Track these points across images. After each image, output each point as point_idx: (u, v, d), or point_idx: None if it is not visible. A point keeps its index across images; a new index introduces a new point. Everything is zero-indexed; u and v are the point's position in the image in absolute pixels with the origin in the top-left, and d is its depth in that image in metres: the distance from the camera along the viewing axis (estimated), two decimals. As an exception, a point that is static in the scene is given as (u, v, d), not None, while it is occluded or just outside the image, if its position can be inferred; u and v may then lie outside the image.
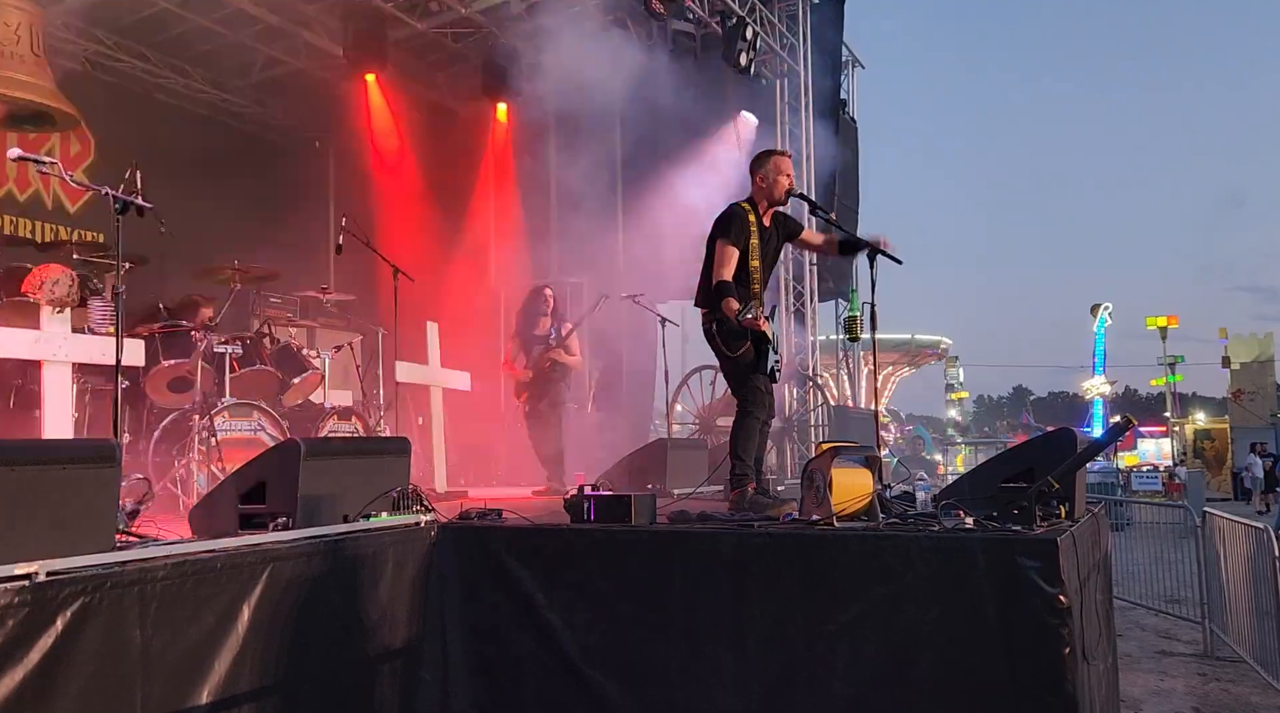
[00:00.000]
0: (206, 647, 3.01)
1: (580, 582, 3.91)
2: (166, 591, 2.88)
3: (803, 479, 4.02)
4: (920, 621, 3.30)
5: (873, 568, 3.43)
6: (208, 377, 5.93)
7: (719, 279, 4.87)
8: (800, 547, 3.58)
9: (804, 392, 9.71)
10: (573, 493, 4.23)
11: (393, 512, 4.07)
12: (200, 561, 3.05)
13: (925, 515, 3.71)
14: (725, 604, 3.64)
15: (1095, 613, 3.74)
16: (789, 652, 3.52)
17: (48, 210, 9.36)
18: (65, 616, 2.54)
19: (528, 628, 3.96)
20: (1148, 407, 52.22)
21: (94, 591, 2.63)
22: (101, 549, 2.79)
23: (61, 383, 4.96)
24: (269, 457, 3.91)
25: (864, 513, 3.79)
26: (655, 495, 4.29)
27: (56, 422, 4.90)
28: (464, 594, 4.11)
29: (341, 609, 3.64)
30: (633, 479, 6.50)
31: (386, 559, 3.87)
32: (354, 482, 3.98)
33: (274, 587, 3.27)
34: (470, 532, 4.21)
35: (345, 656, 3.63)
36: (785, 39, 9.99)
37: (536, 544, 4.06)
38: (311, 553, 3.49)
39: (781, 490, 5.87)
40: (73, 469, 2.75)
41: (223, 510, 3.76)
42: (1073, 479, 3.68)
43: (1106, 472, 18.51)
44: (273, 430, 6.02)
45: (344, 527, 3.73)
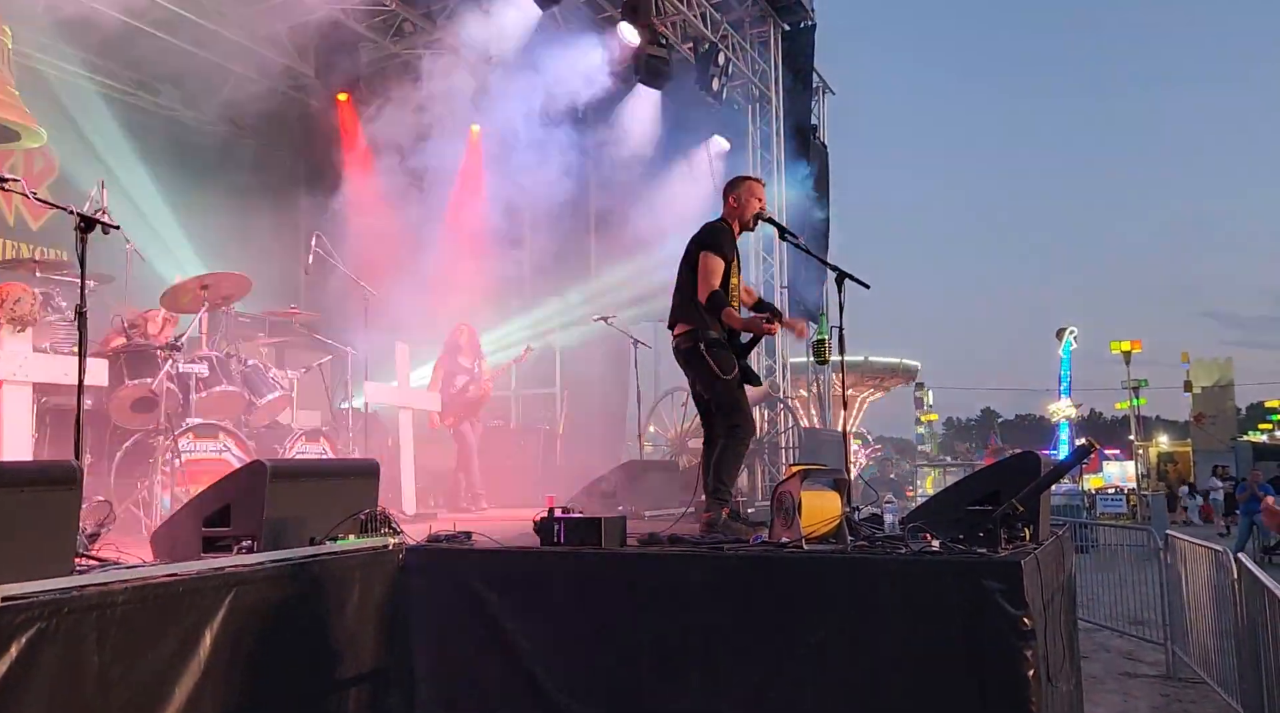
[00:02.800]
0: (167, 673, 2.96)
1: (550, 605, 3.89)
2: (126, 615, 2.83)
3: (772, 502, 4.04)
4: (888, 643, 3.31)
5: (842, 591, 3.44)
6: (172, 397, 5.85)
7: (712, 290, 4.67)
8: (770, 569, 3.59)
9: (774, 414, 9.75)
10: (544, 515, 4.21)
11: (360, 534, 4.03)
12: (161, 585, 3.00)
13: (893, 538, 3.73)
14: (696, 627, 3.64)
15: (1060, 635, 3.77)
16: (759, 674, 3.52)
17: (9, 227, 9.22)
18: (20, 642, 2.49)
19: (496, 652, 3.92)
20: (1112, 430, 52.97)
21: (51, 616, 2.58)
22: (60, 573, 2.74)
23: (21, 403, 4.87)
24: (234, 479, 3.86)
25: (833, 536, 3.82)
26: (626, 518, 4.28)
27: (15, 443, 4.81)
28: (432, 618, 4.07)
29: (307, 634, 3.59)
30: (603, 501, 6.49)
31: (353, 583, 3.82)
32: (321, 504, 3.94)
33: (237, 611, 3.22)
34: (438, 554, 4.18)
35: (311, 682, 3.58)
36: (757, 65, 10.11)
37: (506, 567, 4.04)
38: (277, 577, 3.45)
39: (752, 513, 5.87)
40: (32, 492, 2.70)
41: (186, 534, 3.70)
42: (1037, 502, 3.72)
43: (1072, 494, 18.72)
44: (239, 452, 5.93)
45: (310, 550, 3.69)
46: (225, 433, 5.97)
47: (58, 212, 3.82)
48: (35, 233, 9.33)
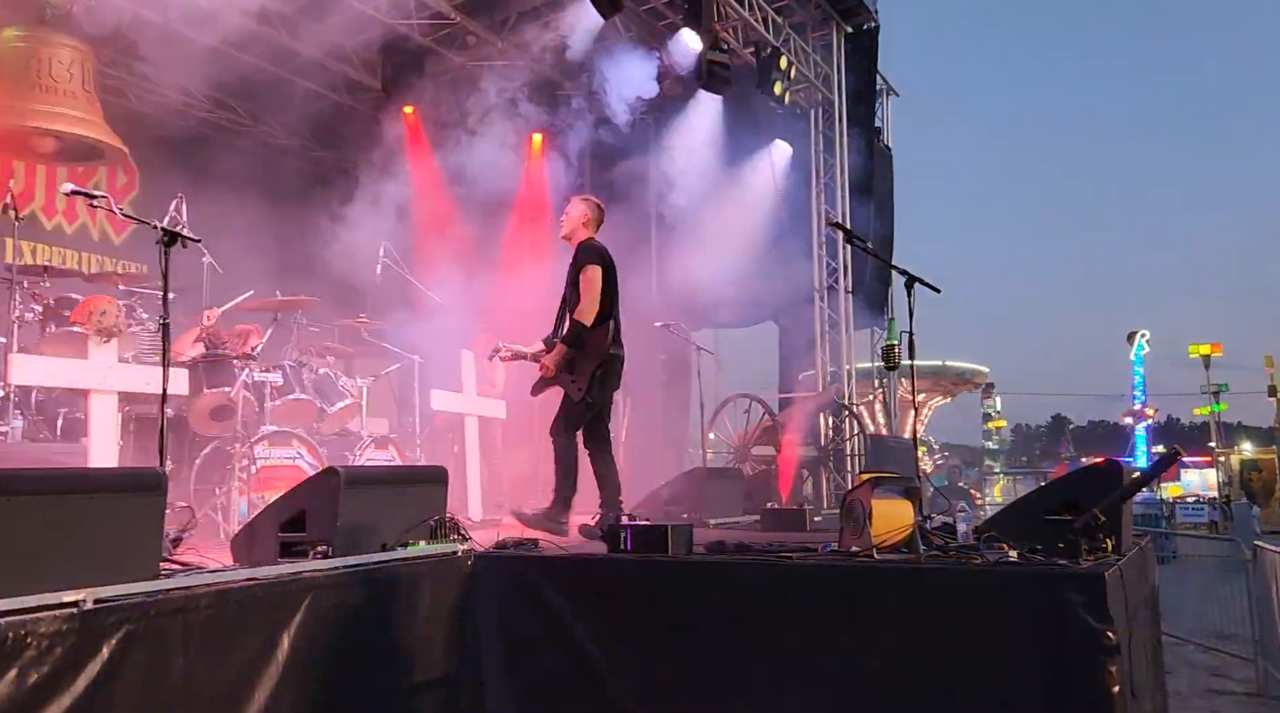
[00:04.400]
0: (247, 676, 3.03)
1: (617, 612, 3.89)
2: (209, 619, 2.90)
3: (842, 510, 3.98)
4: (964, 656, 3.23)
5: (914, 601, 3.38)
6: (248, 405, 6.01)
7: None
8: (840, 579, 3.54)
9: (840, 421, 9.63)
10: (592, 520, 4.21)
11: (430, 540, 4.08)
12: (242, 589, 3.07)
13: (967, 548, 3.65)
14: (764, 636, 3.60)
15: (1144, 649, 3.65)
16: (828, 685, 3.47)
17: (94, 242, 9.59)
18: (111, 643, 2.56)
19: (564, 658, 3.93)
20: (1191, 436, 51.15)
21: (139, 619, 2.65)
22: (147, 577, 2.82)
23: (108, 411, 5.05)
24: (309, 485, 3.94)
25: (905, 545, 3.75)
26: (692, 526, 4.27)
27: (102, 450, 4.98)
28: (501, 624, 4.10)
29: (380, 638, 3.64)
30: (668, 509, 6.49)
31: (424, 588, 3.87)
32: (392, 510, 4.00)
33: (313, 616, 3.28)
34: (507, 561, 4.21)
35: (383, 686, 3.63)
36: (819, 68, 10.02)
37: (573, 574, 4.05)
38: (350, 582, 3.51)
39: (819, 520, 5.81)
40: (120, 498, 2.79)
41: (263, 539, 3.79)
42: (1119, 511, 3.61)
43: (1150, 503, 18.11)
44: (311, 459, 6.07)
45: (382, 555, 3.75)
46: (298, 440, 6.11)
47: (138, 226, 3.95)
48: (117, 247, 9.69)
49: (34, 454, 5.48)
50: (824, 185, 10.11)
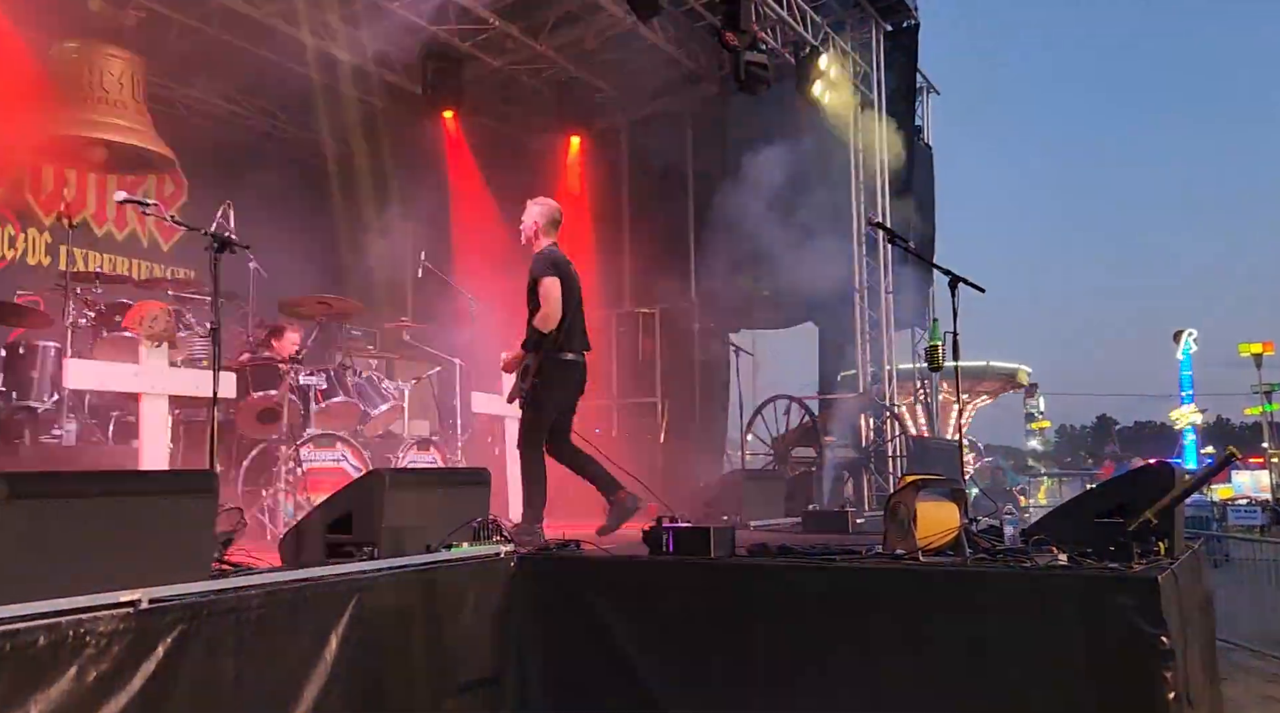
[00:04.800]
0: (296, 675, 3.06)
1: (660, 614, 3.89)
2: (259, 619, 2.94)
3: (886, 512, 3.95)
4: (1012, 660, 3.19)
5: (961, 605, 3.33)
6: (294, 408, 6.10)
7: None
8: (885, 582, 3.50)
9: (881, 422, 9.54)
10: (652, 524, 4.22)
11: (473, 542, 4.11)
12: (291, 590, 3.11)
13: (1015, 551, 3.60)
14: (808, 638, 3.58)
15: (1199, 655, 3.57)
16: (874, 688, 3.44)
17: (144, 248, 9.79)
18: (166, 642, 2.61)
19: (607, 660, 3.94)
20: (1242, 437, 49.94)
21: (193, 618, 2.70)
22: (200, 578, 2.88)
23: (159, 414, 5.15)
24: (355, 487, 3.98)
25: (950, 548, 3.70)
26: (734, 528, 4.25)
27: (153, 452, 5.09)
28: (544, 625, 4.11)
29: (425, 639, 3.67)
30: (708, 511, 6.47)
31: (468, 590, 3.90)
32: (436, 512, 4.04)
33: (360, 616, 3.31)
34: (549, 563, 4.23)
35: (428, 686, 3.66)
36: (858, 67, 9.94)
37: (615, 576, 4.05)
38: (396, 583, 3.54)
39: (861, 523, 5.76)
40: (174, 499, 2.84)
41: (311, 540, 3.84)
42: (1172, 514, 3.54)
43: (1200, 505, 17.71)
44: (355, 461, 6.14)
45: (427, 557, 3.78)
46: (342, 442, 6.19)
47: (187, 233, 4.04)
48: (166, 253, 9.89)
49: (88, 456, 5.62)
50: (863, 185, 10.02)
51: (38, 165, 8.49)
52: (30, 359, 5.86)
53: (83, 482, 2.74)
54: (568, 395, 5.56)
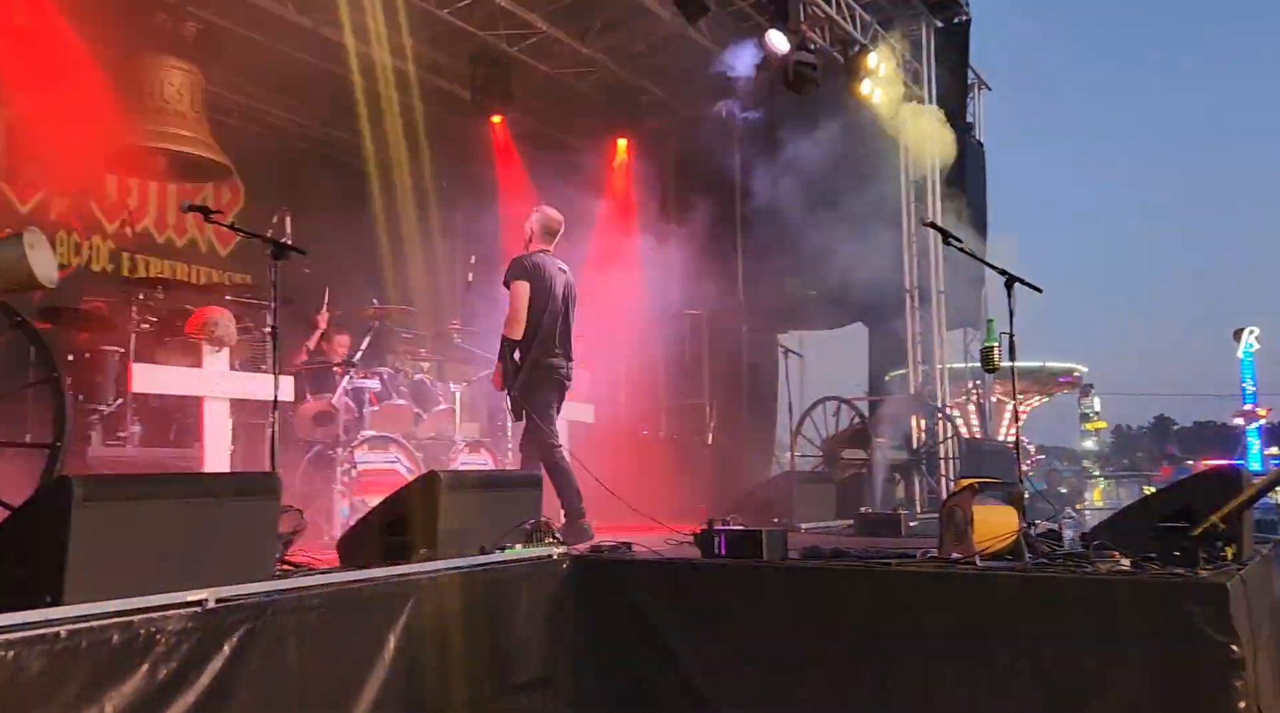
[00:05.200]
0: (356, 674, 3.12)
1: (712, 616, 3.89)
2: (320, 619, 3.00)
3: (941, 516, 3.90)
4: (1073, 668, 3.14)
5: (1020, 611, 3.29)
6: (349, 411, 6.20)
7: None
8: (942, 587, 3.47)
9: (932, 424, 9.41)
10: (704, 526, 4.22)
11: (526, 544, 4.15)
12: (350, 590, 3.17)
13: (1076, 556, 3.53)
14: (863, 642, 3.56)
15: (1269, 665, 3.47)
16: (929, 695, 3.40)
17: (202, 254, 10.01)
18: (233, 640, 2.68)
19: (658, 661, 3.95)
20: (1308, 437, 48.37)
21: (257, 617, 2.76)
22: (263, 577, 2.94)
23: (220, 417, 5.27)
24: (411, 489, 4.03)
25: (1008, 552, 3.65)
26: (787, 531, 4.23)
27: (215, 454, 5.20)
28: (596, 627, 4.13)
29: (479, 640, 3.71)
30: (758, 513, 6.44)
31: (521, 591, 3.93)
32: (489, 514, 4.08)
33: (417, 617, 3.36)
34: (600, 564, 4.25)
35: (483, 686, 3.70)
36: (908, 64, 9.83)
37: (667, 578, 4.06)
38: (451, 584, 3.59)
39: (914, 526, 5.70)
40: (239, 501, 2.91)
41: (368, 541, 3.90)
42: (1240, 518, 3.45)
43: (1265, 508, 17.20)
44: (408, 463, 6.23)
45: (481, 559, 3.83)
46: (396, 445, 6.28)
47: (243, 238, 4.12)
48: (223, 259, 10.09)
49: (151, 459, 5.76)
50: (913, 184, 9.90)
51: (101, 175, 8.72)
52: (96, 363, 6.02)
53: (152, 485, 2.82)
54: (545, 398, 5.60)
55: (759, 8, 8.89)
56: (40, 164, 8.47)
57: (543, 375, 5.53)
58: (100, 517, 2.48)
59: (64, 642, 2.26)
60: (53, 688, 2.22)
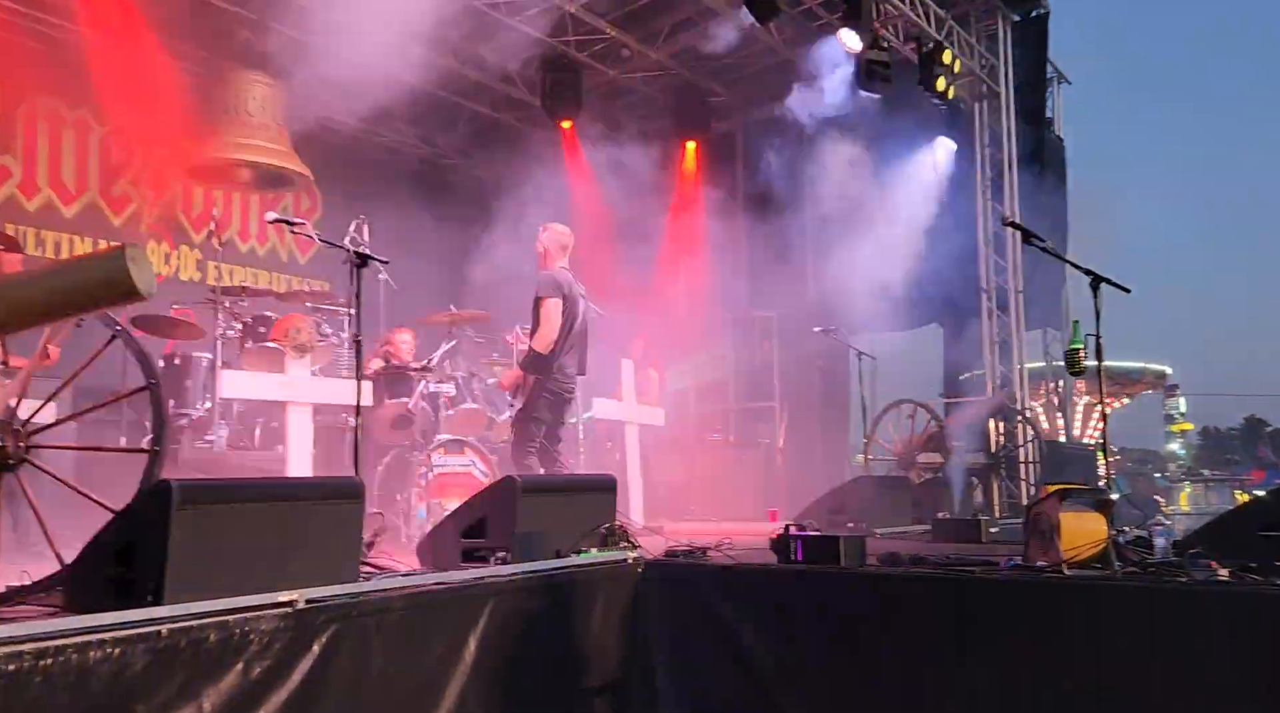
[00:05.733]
0: (437, 676, 3.17)
1: (789, 622, 3.85)
2: (403, 621, 3.06)
3: (1026, 523, 3.80)
4: (1164, 683, 3.02)
5: (1111, 622, 3.18)
6: (425, 415, 6.32)
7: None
8: (1027, 596, 3.38)
9: (1012, 426, 9.19)
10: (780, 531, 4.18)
11: (601, 548, 4.16)
12: (431, 593, 3.22)
13: (1168, 565, 3.41)
14: (946, 651, 3.48)
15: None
16: (1012, 707, 3.32)
17: (283, 262, 10.32)
18: (321, 641, 2.75)
19: (734, 666, 3.93)
20: None
21: (344, 618, 2.83)
22: (349, 579, 3.01)
23: (303, 422, 5.41)
24: (488, 493, 4.09)
25: (1097, 560, 3.54)
26: (865, 537, 4.17)
27: (298, 458, 5.34)
28: (671, 632, 4.13)
29: (556, 643, 3.74)
30: (832, 518, 6.37)
31: (597, 595, 3.95)
32: (565, 518, 4.11)
33: (496, 620, 3.40)
34: (676, 569, 4.24)
35: (560, 690, 3.73)
36: (985, 60, 9.62)
37: (744, 584, 4.03)
38: (529, 587, 3.62)
39: (995, 532, 5.56)
40: (326, 505, 2.99)
41: (447, 544, 3.96)
42: (1348, 528, 3.29)
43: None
44: (483, 466, 6.31)
45: (559, 562, 3.85)
46: (471, 448, 6.36)
47: (322, 246, 4.23)
48: (302, 266, 10.38)
49: (237, 462, 5.95)
50: (991, 181, 9.69)
51: (189, 187, 9.05)
52: (185, 369, 6.25)
53: (245, 489, 2.91)
54: (555, 417, 5.74)
55: (829, 6, 8.80)
56: (132, 178, 8.85)
57: (552, 396, 5.65)
58: (197, 519, 2.57)
59: (165, 640, 2.34)
60: (155, 685, 2.31)
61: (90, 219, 8.63)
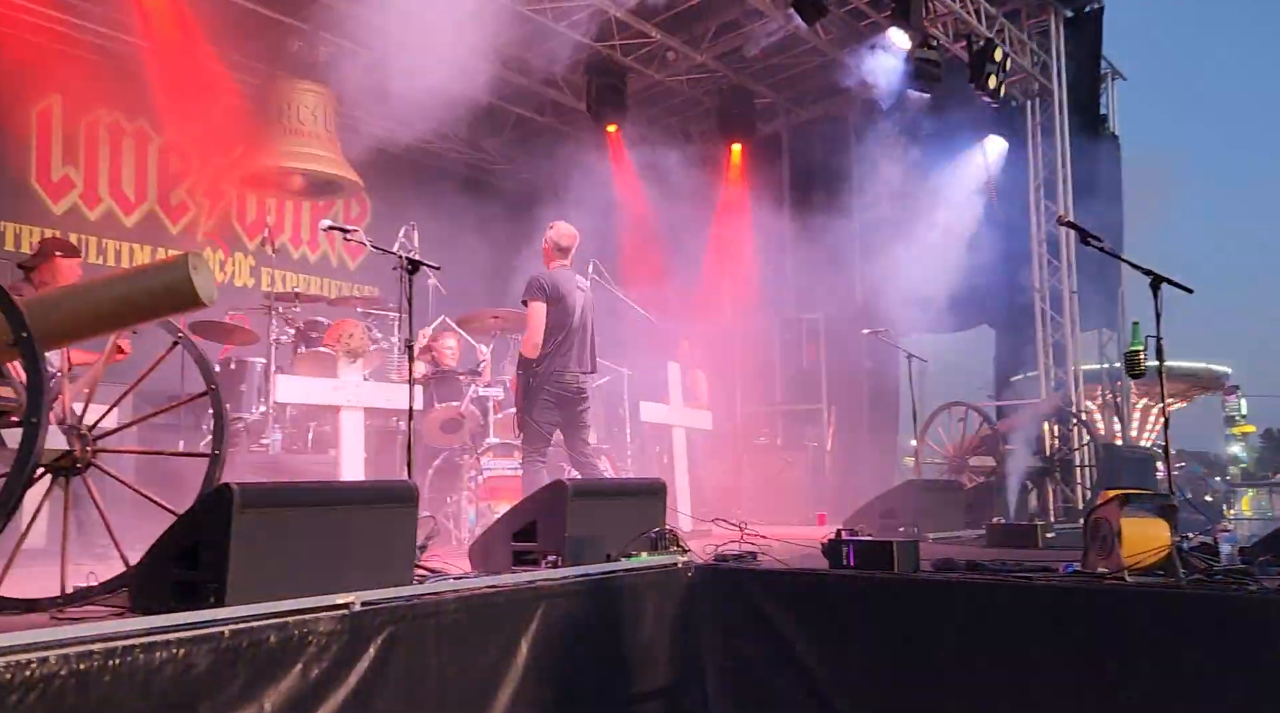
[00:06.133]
0: (490, 678, 3.19)
1: (842, 628, 3.82)
2: (456, 623, 3.08)
3: (1085, 528, 3.72)
4: (1235, 694, 2.94)
5: (1176, 631, 3.11)
6: (474, 419, 6.36)
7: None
8: (1088, 603, 3.31)
9: (1067, 429, 9.02)
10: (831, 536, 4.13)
11: (651, 552, 4.16)
12: (484, 595, 3.24)
13: (1237, 572, 3.31)
14: (1000, 660, 3.43)
15: None
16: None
17: (334, 268, 10.47)
18: (377, 642, 2.77)
19: (786, 671, 3.90)
20: None
21: (399, 621, 2.86)
22: (403, 582, 3.04)
23: (355, 426, 5.48)
24: (539, 497, 4.11)
25: (1160, 567, 3.45)
26: (918, 542, 4.11)
27: (351, 461, 5.41)
28: (722, 636, 4.11)
29: (607, 647, 3.74)
30: (883, 522, 6.29)
31: (647, 599, 3.94)
32: (615, 521, 4.11)
33: (547, 623, 3.41)
34: (726, 574, 4.22)
35: (611, 693, 3.73)
36: (1037, 57, 9.45)
37: (794, 588, 4.01)
38: (580, 591, 3.63)
39: (1051, 537, 5.45)
40: (381, 508, 3.02)
41: (498, 547, 3.99)
42: None
43: None
44: (532, 469, 6.32)
45: (609, 566, 3.86)
46: (519, 451, 6.39)
47: (371, 252, 4.29)
48: (352, 272, 10.53)
49: (291, 465, 6.04)
50: (1044, 180, 9.52)
51: (243, 194, 9.23)
52: (240, 374, 6.37)
53: (302, 492, 2.95)
54: (553, 415, 5.60)
55: (877, 5, 8.71)
56: (189, 187, 9.05)
57: (552, 396, 5.55)
58: (257, 522, 2.61)
59: (227, 641, 2.39)
60: (218, 685, 2.35)
61: (149, 228, 8.84)
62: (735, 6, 9.02)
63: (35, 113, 8.17)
